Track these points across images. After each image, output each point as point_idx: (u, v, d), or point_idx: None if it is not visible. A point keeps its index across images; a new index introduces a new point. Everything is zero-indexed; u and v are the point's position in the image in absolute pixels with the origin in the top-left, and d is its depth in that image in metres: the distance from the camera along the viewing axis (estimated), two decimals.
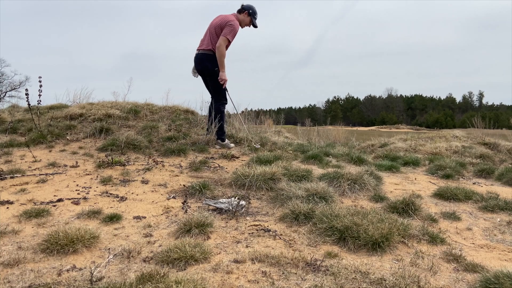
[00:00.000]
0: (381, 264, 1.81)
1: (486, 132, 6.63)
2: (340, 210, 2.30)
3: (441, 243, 2.09)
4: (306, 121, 9.77)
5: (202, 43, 4.43)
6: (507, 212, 2.66)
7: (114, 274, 1.68)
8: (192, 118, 5.58)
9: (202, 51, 4.37)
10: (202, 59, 4.37)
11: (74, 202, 2.68)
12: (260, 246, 2.01)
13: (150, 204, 2.71)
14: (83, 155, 3.97)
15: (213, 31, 4.32)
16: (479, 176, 4.04)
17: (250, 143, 4.62)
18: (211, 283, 1.58)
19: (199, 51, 4.42)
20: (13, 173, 3.21)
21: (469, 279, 1.68)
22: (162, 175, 3.42)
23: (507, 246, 2.09)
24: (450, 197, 2.98)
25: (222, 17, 4.39)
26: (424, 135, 6.77)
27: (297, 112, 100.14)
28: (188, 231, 2.13)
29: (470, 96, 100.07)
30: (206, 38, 4.38)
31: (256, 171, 3.11)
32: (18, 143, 4.19)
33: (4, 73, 37.26)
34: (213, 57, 4.30)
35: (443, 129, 17.02)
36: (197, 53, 4.44)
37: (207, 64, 4.34)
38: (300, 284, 1.59)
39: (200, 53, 4.39)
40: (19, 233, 2.13)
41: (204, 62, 4.35)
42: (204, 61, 4.35)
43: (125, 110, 5.37)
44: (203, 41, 4.42)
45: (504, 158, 5.11)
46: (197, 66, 4.46)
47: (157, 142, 4.49)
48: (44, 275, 1.65)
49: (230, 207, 2.52)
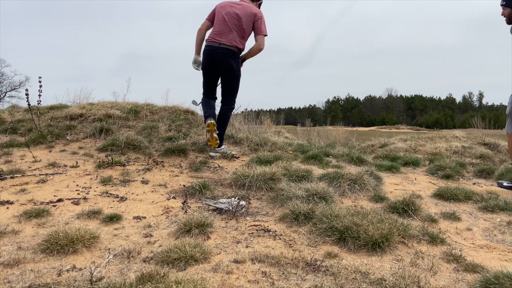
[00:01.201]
0: (381, 264, 1.81)
1: (486, 133, 6.63)
2: (340, 210, 2.30)
3: (441, 243, 2.09)
4: (306, 121, 9.78)
5: (222, 35, 3.79)
6: (507, 212, 2.66)
7: (114, 274, 1.68)
8: (192, 119, 5.58)
9: (225, 46, 3.78)
10: (226, 54, 3.78)
11: (74, 202, 2.68)
12: (260, 246, 2.01)
13: (150, 204, 2.71)
14: (83, 155, 3.97)
15: (239, 24, 3.78)
16: (479, 176, 4.04)
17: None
18: (211, 283, 1.58)
19: (219, 45, 3.78)
20: (13, 173, 3.21)
21: (469, 279, 1.68)
22: (162, 175, 3.42)
23: (507, 246, 2.09)
24: (450, 197, 2.98)
25: (248, 9, 3.86)
26: (424, 136, 6.77)
27: (297, 112, 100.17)
28: (188, 231, 2.13)
29: (470, 96, 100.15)
30: (230, 32, 3.79)
31: (256, 171, 3.11)
32: (18, 143, 4.19)
33: (4, 73, 37.35)
34: (238, 56, 3.86)
35: (443, 130, 17.01)
36: (217, 46, 3.79)
37: (231, 63, 3.81)
38: (300, 284, 1.59)
39: (222, 48, 3.77)
40: (19, 233, 2.13)
41: (227, 59, 3.79)
42: (228, 58, 3.79)
43: (125, 110, 5.37)
44: (224, 33, 3.79)
45: (504, 158, 5.11)
46: (215, 60, 3.83)
47: (157, 142, 4.48)
48: (44, 275, 1.65)
49: (230, 207, 2.52)
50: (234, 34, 3.78)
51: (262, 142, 4.80)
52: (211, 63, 3.86)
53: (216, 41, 3.80)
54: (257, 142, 4.76)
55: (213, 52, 3.82)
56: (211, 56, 3.84)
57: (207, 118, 3.92)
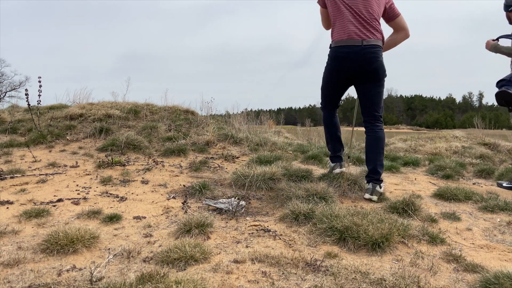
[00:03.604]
0: (381, 264, 1.80)
1: (486, 133, 6.63)
2: (340, 211, 2.30)
3: (441, 243, 2.09)
4: (306, 121, 9.77)
5: (360, 29, 2.75)
6: (507, 213, 2.66)
7: (114, 274, 1.68)
8: (192, 119, 5.59)
9: (372, 41, 2.76)
10: (376, 54, 2.77)
11: (74, 202, 2.68)
12: (260, 246, 2.00)
13: (150, 204, 2.71)
14: (83, 155, 3.97)
15: (374, 7, 2.79)
16: (479, 176, 4.04)
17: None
18: (211, 283, 1.58)
19: (363, 43, 2.72)
20: (13, 173, 3.21)
21: (469, 279, 1.68)
22: (162, 175, 3.42)
23: (507, 246, 2.09)
24: (450, 197, 2.98)
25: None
26: (424, 136, 6.77)
27: (297, 112, 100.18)
28: (188, 231, 2.13)
29: (470, 96, 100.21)
30: (366, 21, 2.76)
31: (256, 171, 3.11)
32: (18, 143, 4.19)
33: (4, 73, 37.39)
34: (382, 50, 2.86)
35: (443, 130, 17.04)
36: (362, 45, 2.73)
37: (382, 62, 2.82)
38: (300, 284, 1.59)
39: (370, 46, 2.74)
40: (19, 233, 2.13)
41: (380, 59, 2.79)
42: (380, 57, 2.81)
43: (125, 110, 5.37)
44: (358, 25, 2.76)
45: (504, 159, 5.11)
46: (367, 66, 2.76)
47: (157, 142, 4.48)
48: (44, 275, 1.65)
49: (230, 207, 2.52)
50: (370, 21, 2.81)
51: (262, 142, 4.80)
52: (360, 69, 2.83)
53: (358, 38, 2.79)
54: (257, 142, 4.76)
55: (352, 53, 2.80)
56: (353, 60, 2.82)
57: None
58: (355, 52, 2.75)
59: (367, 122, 2.96)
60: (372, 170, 2.87)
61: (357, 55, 2.75)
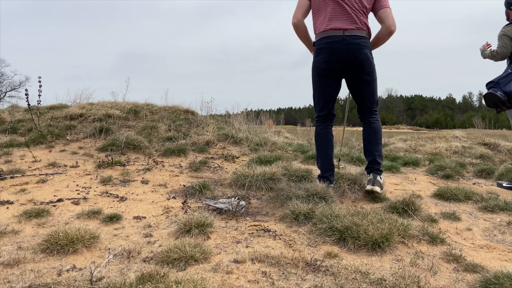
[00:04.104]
0: (381, 264, 1.80)
1: (486, 133, 6.63)
2: (340, 210, 2.30)
3: (441, 243, 2.09)
4: (306, 121, 9.77)
5: (342, 20, 2.71)
6: (507, 213, 2.66)
7: (114, 274, 1.68)
8: (192, 118, 5.59)
9: (355, 32, 2.70)
10: (360, 45, 2.69)
11: (74, 202, 2.68)
12: (260, 246, 2.00)
13: (150, 204, 2.71)
14: (83, 155, 3.97)
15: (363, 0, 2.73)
16: (479, 176, 4.04)
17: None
18: (211, 283, 1.58)
19: (345, 33, 2.68)
20: (13, 173, 3.21)
21: (469, 279, 1.68)
22: (162, 175, 3.42)
23: (507, 246, 2.09)
24: (450, 197, 2.98)
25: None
26: (424, 136, 6.77)
27: (297, 112, 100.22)
28: (188, 231, 2.13)
29: (470, 96, 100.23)
30: (349, 13, 2.71)
31: (256, 171, 3.11)
32: (18, 143, 4.19)
33: (4, 73, 37.47)
34: (369, 43, 2.80)
35: (443, 130, 17.04)
36: (343, 35, 2.68)
37: (368, 54, 2.75)
38: (300, 284, 1.59)
39: (352, 36, 2.68)
40: (19, 233, 2.13)
41: (364, 50, 2.72)
42: (364, 49, 2.72)
43: (125, 110, 5.37)
44: (342, 16, 2.71)
45: (504, 159, 5.11)
46: (350, 56, 2.70)
47: (157, 142, 4.49)
48: (44, 275, 1.65)
49: (230, 207, 2.52)
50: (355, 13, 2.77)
51: (262, 142, 4.81)
52: (345, 61, 2.78)
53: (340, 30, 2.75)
54: (257, 142, 4.76)
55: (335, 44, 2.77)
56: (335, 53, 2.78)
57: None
58: (337, 42, 2.69)
59: (362, 116, 2.96)
60: (372, 161, 2.88)
61: (339, 45, 2.68)
